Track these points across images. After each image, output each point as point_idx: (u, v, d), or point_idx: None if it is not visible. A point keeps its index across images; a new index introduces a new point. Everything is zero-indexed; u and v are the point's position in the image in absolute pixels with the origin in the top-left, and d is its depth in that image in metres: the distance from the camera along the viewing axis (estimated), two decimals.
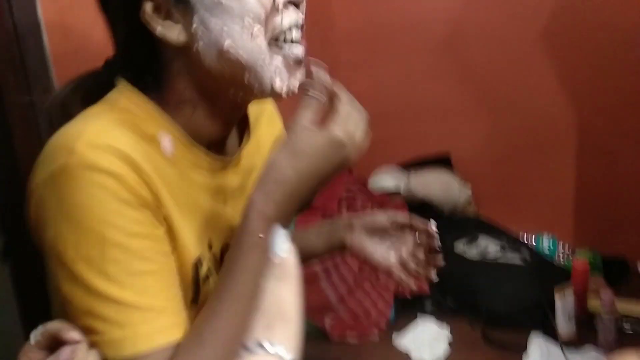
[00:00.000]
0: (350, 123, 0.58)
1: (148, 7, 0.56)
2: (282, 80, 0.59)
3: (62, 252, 0.52)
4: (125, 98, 0.59)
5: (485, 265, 1.25)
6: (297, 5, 0.59)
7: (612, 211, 1.49)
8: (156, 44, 0.58)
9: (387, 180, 1.61)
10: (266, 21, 0.56)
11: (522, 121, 1.57)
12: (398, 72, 1.73)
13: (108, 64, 0.63)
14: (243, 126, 0.71)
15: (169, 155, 0.59)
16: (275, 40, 0.58)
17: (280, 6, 0.57)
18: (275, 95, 0.60)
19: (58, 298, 0.54)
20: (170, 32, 0.56)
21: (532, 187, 1.60)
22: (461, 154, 1.66)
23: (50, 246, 0.53)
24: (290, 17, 0.58)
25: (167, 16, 0.56)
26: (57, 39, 0.90)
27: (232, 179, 0.66)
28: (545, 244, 1.48)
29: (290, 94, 0.60)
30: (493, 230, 1.34)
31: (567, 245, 1.50)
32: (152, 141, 0.58)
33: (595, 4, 1.41)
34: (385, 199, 1.54)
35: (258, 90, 0.59)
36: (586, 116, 1.49)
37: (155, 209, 0.55)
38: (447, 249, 1.32)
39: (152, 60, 0.59)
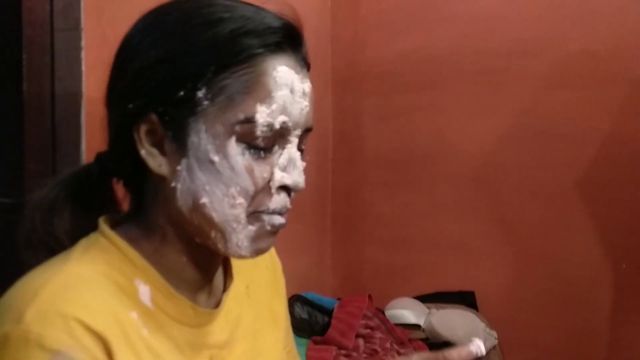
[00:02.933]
0: None
1: (143, 127, 0.52)
2: (247, 247, 0.54)
3: None
4: (104, 239, 0.54)
5: None
6: (289, 192, 0.54)
7: None
8: (141, 162, 0.54)
9: (406, 313, 1.51)
10: (253, 197, 0.52)
11: (553, 270, 1.51)
12: (424, 200, 1.69)
13: (100, 159, 0.58)
14: (227, 270, 0.63)
15: (148, 307, 0.52)
16: (257, 212, 0.53)
17: (273, 190, 0.53)
18: (237, 258, 0.55)
19: None
20: (153, 160, 0.53)
21: (560, 340, 1.49)
22: (485, 295, 1.58)
23: None
24: (280, 202, 0.54)
25: (158, 145, 0.52)
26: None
27: (218, 334, 0.58)
28: None
29: (255, 256, 0.55)
30: None
31: None
32: (128, 292, 0.52)
33: (632, 163, 1.40)
34: (405, 335, 1.43)
35: (221, 249, 0.54)
36: (624, 275, 1.42)
37: None
38: None
39: (135, 174, 0.55)
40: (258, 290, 0.67)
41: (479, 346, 0.59)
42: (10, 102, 0.67)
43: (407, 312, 1.48)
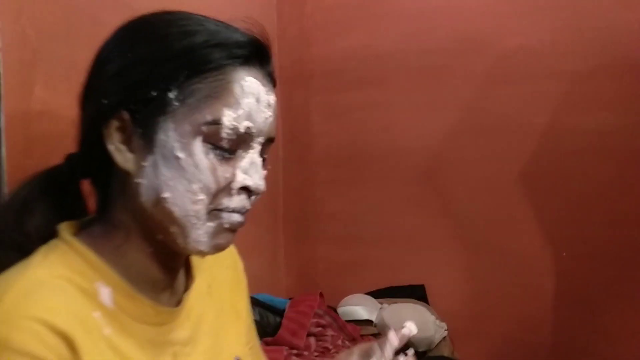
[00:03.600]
0: None
1: (114, 124, 0.55)
2: (206, 243, 0.57)
3: None
4: (63, 244, 0.56)
5: None
6: (249, 194, 0.58)
7: None
8: (109, 158, 0.57)
9: (358, 309, 1.52)
10: (214, 194, 0.55)
11: (499, 261, 1.55)
12: (374, 197, 1.70)
13: (69, 159, 0.61)
14: (188, 270, 0.66)
15: (109, 307, 0.55)
16: (216, 210, 0.56)
17: (234, 190, 0.56)
18: (195, 254, 0.59)
19: None
20: (121, 156, 0.56)
21: (508, 329, 1.53)
22: (435, 288, 1.60)
23: None
24: (240, 202, 0.57)
25: (126, 141, 0.56)
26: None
27: (180, 331, 0.61)
28: None
29: (214, 251, 0.58)
30: None
31: None
32: (89, 293, 0.54)
33: (571, 155, 1.46)
34: (357, 332, 1.44)
35: (180, 244, 0.57)
36: (565, 261, 1.47)
37: None
38: None
39: (102, 171, 0.58)
40: (220, 289, 0.70)
41: (409, 328, 0.64)
42: None
43: (359, 308, 1.49)
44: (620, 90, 1.40)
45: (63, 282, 0.52)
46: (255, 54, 0.57)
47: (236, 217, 0.57)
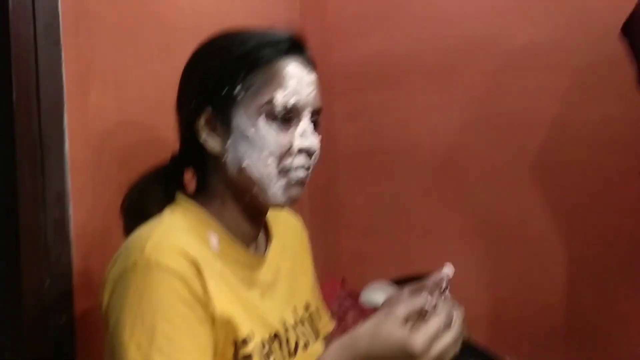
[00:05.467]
0: (434, 340, 0.65)
1: (202, 119, 0.75)
2: (281, 196, 0.75)
3: (119, 334, 0.64)
4: (183, 204, 0.77)
5: None
6: (307, 154, 0.76)
7: (603, 345, 1.48)
8: (203, 148, 0.77)
9: (378, 294, 1.61)
10: (280, 157, 0.74)
11: (514, 248, 1.61)
12: (393, 191, 1.80)
13: (173, 158, 0.83)
14: (267, 231, 0.87)
15: (216, 250, 0.74)
16: (284, 169, 0.74)
17: (294, 152, 0.75)
18: (275, 206, 0.77)
19: None
20: (211, 142, 0.75)
21: (523, 314, 1.60)
22: (454, 276, 1.67)
23: (112, 328, 0.65)
24: (300, 162, 0.75)
25: (213, 130, 0.75)
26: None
27: (265, 275, 0.80)
28: None
29: (288, 204, 0.76)
30: (486, 358, 1.32)
31: None
32: (203, 239, 0.73)
33: (580, 145, 1.52)
34: None
35: (262, 200, 0.76)
36: (577, 247, 1.53)
37: (204, 303, 0.67)
38: None
39: (199, 159, 0.79)
40: (292, 249, 0.92)
41: (449, 267, 0.78)
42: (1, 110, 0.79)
43: (378, 291, 1.58)
44: (624, 82, 1.46)
45: (187, 228, 0.72)
46: (294, 45, 0.76)
47: (300, 173, 0.75)
